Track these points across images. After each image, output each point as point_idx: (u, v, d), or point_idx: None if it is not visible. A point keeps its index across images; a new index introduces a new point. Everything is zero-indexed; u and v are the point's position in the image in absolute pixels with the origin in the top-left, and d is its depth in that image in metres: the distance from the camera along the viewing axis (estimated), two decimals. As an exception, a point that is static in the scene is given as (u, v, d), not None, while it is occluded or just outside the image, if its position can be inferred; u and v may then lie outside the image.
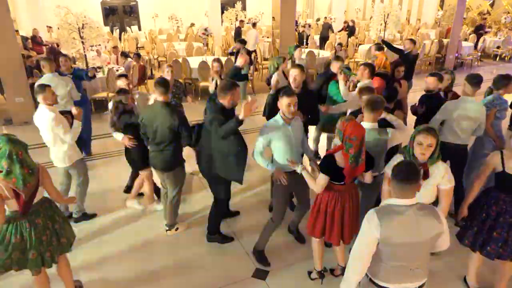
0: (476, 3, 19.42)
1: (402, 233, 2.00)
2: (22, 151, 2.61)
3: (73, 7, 8.07)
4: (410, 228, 2.00)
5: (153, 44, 13.68)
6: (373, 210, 2.10)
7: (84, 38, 7.71)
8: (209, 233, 3.93)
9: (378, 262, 2.13)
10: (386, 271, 2.12)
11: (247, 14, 16.69)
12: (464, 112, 3.84)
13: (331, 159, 2.82)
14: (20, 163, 2.57)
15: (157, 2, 17.95)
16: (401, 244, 2.02)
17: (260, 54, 11.47)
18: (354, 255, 2.14)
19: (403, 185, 2.00)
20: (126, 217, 4.43)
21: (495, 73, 5.26)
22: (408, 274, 2.11)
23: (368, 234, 2.06)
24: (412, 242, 2.02)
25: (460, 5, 11.54)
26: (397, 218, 2.01)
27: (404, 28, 17.13)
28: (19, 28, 13.58)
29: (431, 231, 2.03)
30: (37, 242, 2.71)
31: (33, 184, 2.66)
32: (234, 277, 3.49)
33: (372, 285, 2.20)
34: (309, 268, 3.46)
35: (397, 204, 2.04)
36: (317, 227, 3.08)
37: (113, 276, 3.52)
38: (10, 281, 3.41)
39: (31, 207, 2.70)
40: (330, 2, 21.30)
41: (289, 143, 3.21)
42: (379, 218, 2.02)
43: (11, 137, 2.61)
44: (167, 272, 3.56)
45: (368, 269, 2.16)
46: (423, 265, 2.13)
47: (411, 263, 2.09)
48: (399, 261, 2.08)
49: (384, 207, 2.10)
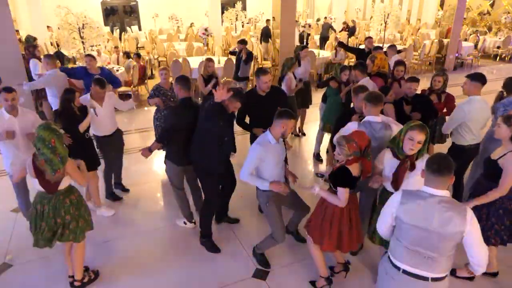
0: (476, 3, 19.42)
1: (415, 215, 2.11)
2: (55, 139, 2.82)
3: (73, 7, 8.09)
4: (425, 214, 2.09)
5: (153, 44, 13.68)
6: (402, 189, 2.30)
7: (84, 38, 7.71)
8: (201, 235, 3.86)
9: (397, 241, 2.25)
10: (403, 251, 2.20)
11: (247, 14, 16.72)
12: (480, 111, 3.86)
13: (346, 171, 2.79)
14: (51, 149, 2.80)
15: (157, 2, 17.95)
16: (413, 226, 2.12)
17: (260, 54, 11.47)
18: (377, 222, 2.41)
19: (434, 176, 2.10)
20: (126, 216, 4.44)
21: (495, 73, 5.30)
22: (422, 261, 2.15)
23: (388, 207, 2.28)
24: (423, 227, 2.09)
25: (460, 5, 11.54)
26: (417, 201, 2.13)
27: (404, 28, 17.14)
28: (19, 28, 13.59)
29: (449, 226, 2.04)
30: (52, 222, 3.00)
31: (62, 172, 2.90)
32: (234, 277, 3.49)
33: (388, 261, 2.31)
34: (309, 268, 3.45)
35: (425, 191, 2.15)
36: (333, 243, 2.98)
37: (113, 276, 3.53)
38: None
39: (57, 191, 2.96)
40: (330, 2, 21.31)
41: (278, 161, 3.18)
42: (402, 196, 2.20)
43: (49, 125, 2.86)
44: (167, 272, 3.56)
45: (390, 246, 2.34)
46: (441, 258, 2.12)
47: (426, 250, 2.12)
48: (413, 245, 2.15)
49: (412, 191, 2.23)
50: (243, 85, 7.64)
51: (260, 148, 3.04)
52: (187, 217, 4.14)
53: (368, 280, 3.44)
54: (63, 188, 3.00)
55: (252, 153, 3.08)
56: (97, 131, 4.40)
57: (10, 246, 3.91)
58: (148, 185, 5.20)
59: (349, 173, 2.78)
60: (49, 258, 3.70)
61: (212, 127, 3.37)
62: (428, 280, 2.16)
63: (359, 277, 3.46)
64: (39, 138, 2.81)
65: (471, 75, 3.94)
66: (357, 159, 2.80)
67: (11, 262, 3.67)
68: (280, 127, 3.02)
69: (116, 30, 16.70)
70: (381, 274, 2.43)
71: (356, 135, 2.81)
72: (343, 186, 2.79)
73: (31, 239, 3.00)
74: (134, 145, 6.38)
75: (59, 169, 2.87)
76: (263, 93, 4.06)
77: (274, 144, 3.09)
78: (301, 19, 18.72)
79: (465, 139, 3.96)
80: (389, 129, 3.30)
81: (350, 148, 2.75)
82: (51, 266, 3.63)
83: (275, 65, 10.60)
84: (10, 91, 3.57)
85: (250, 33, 15.60)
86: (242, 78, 7.57)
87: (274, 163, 3.14)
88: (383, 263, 2.39)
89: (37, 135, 2.82)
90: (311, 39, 13.35)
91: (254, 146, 3.10)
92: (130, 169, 5.49)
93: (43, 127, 2.83)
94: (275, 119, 3.04)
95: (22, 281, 3.45)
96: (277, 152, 3.14)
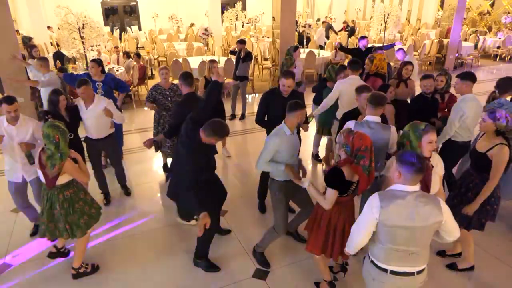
0: (476, 3, 19.42)
1: (400, 216, 2.12)
2: (59, 136, 3.00)
3: (73, 7, 8.07)
4: (408, 212, 2.11)
5: (153, 44, 13.68)
6: (376, 193, 2.23)
7: (84, 38, 7.71)
8: (196, 256, 3.63)
9: (379, 244, 2.25)
10: (386, 253, 2.22)
11: (247, 14, 16.72)
12: (476, 109, 3.93)
13: (339, 173, 2.74)
14: (55, 145, 2.99)
15: (157, 2, 17.95)
16: (398, 227, 2.13)
17: (260, 54, 11.47)
18: (353, 231, 2.35)
19: (414, 175, 2.11)
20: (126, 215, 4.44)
21: (495, 73, 5.26)
22: (407, 258, 2.20)
23: (368, 214, 2.21)
24: (409, 226, 2.12)
25: (460, 5, 11.54)
26: (396, 202, 2.13)
27: (404, 28, 17.13)
28: (19, 28, 13.60)
29: (430, 218, 2.12)
30: (50, 214, 3.18)
31: (59, 168, 3.03)
32: (234, 277, 3.50)
33: (373, 266, 2.31)
34: (309, 268, 3.47)
35: (399, 189, 2.16)
36: (317, 244, 3.00)
37: (110, 274, 3.53)
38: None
39: (55, 186, 3.10)
40: (330, 2, 21.29)
41: (293, 152, 3.24)
42: (380, 200, 2.16)
43: (54, 123, 3.05)
44: (167, 272, 3.56)
45: (369, 251, 2.35)
46: (423, 251, 2.22)
47: (410, 247, 2.17)
48: (398, 245, 2.17)
49: (386, 191, 2.22)
50: (242, 84, 7.65)
51: (276, 139, 3.13)
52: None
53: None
54: (60, 184, 3.12)
55: (268, 144, 3.17)
56: (86, 131, 4.41)
57: (10, 246, 3.91)
58: (148, 185, 5.20)
59: (341, 174, 2.72)
60: (49, 258, 3.70)
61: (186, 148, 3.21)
62: (414, 275, 2.23)
63: (359, 277, 3.46)
64: (44, 135, 3.00)
65: (460, 74, 4.01)
66: (350, 161, 2.73)
67: (11, 262, 3.68)
68: (295, 117, 3.15)
69: (116, 30, 16.71)
70: (368, 281, 2.42)
71: (358, 133, 2.75)
72: (332, 188, 2.74)
73: (31, 239, 3.02)
74: (134, 145, 6.39)
75: (56, 164, 3.01)
76: (286, 95, 4.02)
77: (289, 135, 3.18)
78: (301, 19, 18.71)
79: (462, 136, 4.03)
80: (388, 129, 3.28)
81: (345, 138, 2.75)
82: (51, 265, 3.63)
83: (275, 65, 10.61)
84: (12, 102, 3.45)
85: (250, 33, 15.61)
86: (241, 77, 7.57)
87: (289, 154, 3.21)
88: (367, 269, 2.37)
89: (43, 133, 3.01)
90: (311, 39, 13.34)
91: (270, 137, 3.19)
92: (130, 169, 5.50)
93: (48, 125, 3.01)
94: (289, 111, 3.16)
95: (22, 281, 3.45)
96: (291, 143, 3.21)
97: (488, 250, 3.81)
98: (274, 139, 3.14)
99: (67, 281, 3.44)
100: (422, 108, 4.46)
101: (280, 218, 3.36)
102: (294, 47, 6.45)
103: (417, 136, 2.68)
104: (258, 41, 12.80)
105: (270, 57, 11.59)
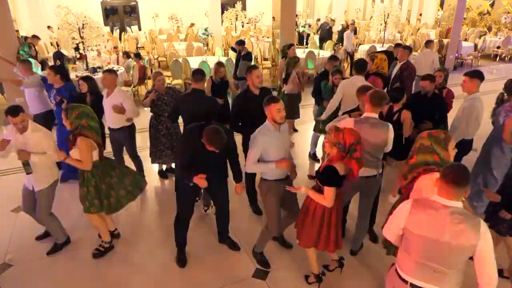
0: (476, 3, 19.41)
1: (425, 226, 2.00)
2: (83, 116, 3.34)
3: (73, 7, 8.08)
4: (435, 224, 1.98)
5: (153, 44, 13.68)
6: (412, 199, 2.16)
7: (84, 38, 7.71)
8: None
9: (405, 253, 2.15)
10: (411, 264, 2.12)
11: (247, 14, 16.71)
12: (482, 107, 3.94)
13: (333, 170, 2.77)
14: (94, 120, 3.39)
15: (157, 2, 17.94)
16: (420, 237, 2.02)
17: (260, 54, 11.47)
18: (385, 229, 2.30)
19: (450, 187, 1.98)
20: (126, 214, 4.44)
21: (495, 73, 5.28)
22: (431, 275, 2.06)
23: (397, 216, 2.16)
24: (432, 238, 1.98)
25: (460, 5, 11.54)
26: (428, 211, 2.02)
27: (404, 28, 17.13)
28: (19, 28, 13.59)
29: (460, 238, 1.94)
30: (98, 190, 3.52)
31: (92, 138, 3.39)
32: (234, 277, 3.49)
33: (395, 274, 2.23)
34: (307, 269, 3.46)
35: (437, 200, 2.04)
36: (309, 238, 3.03)
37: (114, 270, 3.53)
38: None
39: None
40: (330, 2, 21.30)
41: (281, 149, 3.19)
42: (412, 205, 2.08)
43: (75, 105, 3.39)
44: (166, 272, 3.56)
45: (396, 259, 2.26)
46: (451, 272, 2.04)
47: (435, 263, 2.03)
48: (422, 258, 2.06)
49: (424, 199, 2.12)
50: (242, 84, 7.65)
51: (261, 136, 3.09)
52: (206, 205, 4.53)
53: (368, 280, 3.43)
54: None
55: (253, 143, 3.11)
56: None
57: (10, 246, 3.91)
58: (148, 184, 5.19)
59: (336, 172, 2.76)
60: (49, 258, 3.70)
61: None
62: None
63: (359, 278, 3.46)
64: (82, 114, 3.32)
65: (469, 72, 4.00)
66: (341, 156, 2.76)
67: (11, 262, 3.67)
68: (268, 112, 3.09)
69: (116, 30, 16.69)
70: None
71: (348, 129, 2.79)
72: (330, 185, 2.77)
73: (31, 239, 3.00)
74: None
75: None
76: (257, 92, 4.04)
77: (274, 131, 3.12)
78: (301, 19, 18.72)
79: (470, 134, 4.04)
80: (386, 126, 3.27)
81: (336, 137, 2.75)
82: (51, 266, 3.63)
83: (275, 65, 10.60)
84: (17, 114, 3.24)
85: (250, 33, 15.61)
86: (240, 77, 7.58)
87: (277, 153, 3.15)
88: (391, 277, 2.30)
89: (79, 112, 3.32)
90: (310, 40, 13.34)
91: (254, 136, 3.14)
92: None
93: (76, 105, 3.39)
94: (264, 108, 3.12)
95: (22, 281, 3.45)
96: (279, 140, 3.16)
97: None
98: (258, 137, 3.10)
99: (67, 280, 3.45)
100: (422, 106, 4.44)
101: (271, 217, 3.35)
102: (289, 45, 6.56)
103: (443, 146, 2.55)
104: (258, 41, 12.79)
105: (270, 57, 11.59)
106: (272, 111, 3.07)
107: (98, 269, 3.60)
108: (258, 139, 3.09)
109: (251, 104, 3.90)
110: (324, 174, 2.82)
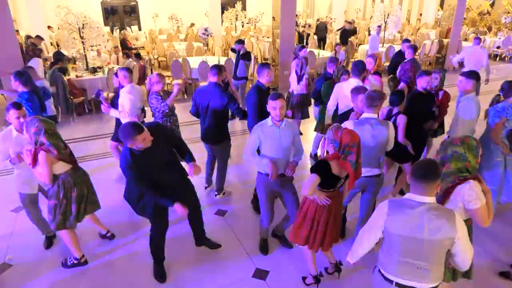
0: (476, 3, 19.42)
1: (404, 225, 2.05)
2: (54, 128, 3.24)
3: (73, 7, 8.08)
4: (414, 222, 2.03)
5: (153, 44, 13.69)
6: (388, 200, 2.18)
7: (84, 38, 7.72)
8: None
9: (387, 254, 2.19)
10: (394, 264, 2.15)
11: (247, 14, 16.72)
12: (478, 107, 3.95)
13: (325, 165, 2.75)
14: (54, 136, 3.19)
15: (157, 2, 17.95)
16: (404, 237, 2.06)
17: (260, 54, 11.47)
18: (359, 236, 2.29)
19: (421, 183, 2.05)
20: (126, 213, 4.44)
21: (495, 73, 5.25)
22: (415, 272, 2.10)
23: (375, 219, 2.18)
24: (416, 237, 2.03)
25: (460, 5, 11.54)
26: (405, 211, 2.06)
27: (404, 28, 17.13)
28: (19, 28, 13.59)
29: (439, 233, 2.01)
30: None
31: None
32: (234, 277, 3.50)
33: (380, 276, 2.25)
34: (306, 269, 3.46)
35: (411, 199, 2.09)
36: (301, 234, 3.03)
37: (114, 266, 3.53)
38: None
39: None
40: (330, 2, 21.30)
41: (277, 146, 3.21)
42: (389, 207, 2.12)
43: (42, 118, 3.20)
44: (166, 272, 3.55)
45: (379, 260, 2.27)
46: (433, 267, 2.10)
47: (418, 261, 2.08)
48: (404, 256, 2.10)
49: (399, 200, 2.16)
50: (241, 84, 7.64)
51: (258, 128, 3.26)
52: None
53: (368, 280, 3.43)
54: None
55: (251, 133, 3.31)
56: None
57: (10, 246, 3.91)
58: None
59: (327, 166, 2.72)
60: (49, 258, 3.71)
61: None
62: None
63: (359, 277, 3.46)
64: (39, 131, 3.12)
65: (465, 73, 4.04)
66: (337, 156, 2.73)
67: (11, 262, 3.68)
68: (270, 108, 3.17)
69: (116, 30, 16.70)
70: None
71: (347, 130, 2.76)
72: (314, 172, 2.72)
73: (31, 239, 2.99)
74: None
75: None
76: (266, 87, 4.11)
77: (271, 127, 3.20)
78: (301, 19, 18.72)
79: (465, 132, 3.99)
80: (386, 125, 3.28)
81: (334, 134, 2.74)
82: (51, 266, 3.63)
83: (275, 65, 10.61)
84: (20, 107, 3.41)
85: (250, 33, 15.61)
86: (240, 77, 7.57)
87: (272, 148, 3.23)
88: (375, 279, 2.31)
89: (36, 130, 3.11)
90: (310, 39, 13.35)
91: (254, 127, 3.32)
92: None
93: (39, 120, 3.15)
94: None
95: (22, 281, 3.45)
96: (275, 136, 3.21)
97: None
98: (256, 129, 3.27)
99: (67, 280, 3.45)
100: (422, 105, 4.43)
101: (262, 211, 3.48)
102: (301, 46, 6.58)
103: (475, 154, 2.50)
104: (258, 41, 12.80)
105: (270, 57, 11.59)
106: (268, 108, 3.18)
107: (98, 269, 3.60)
108: (255, 130, 3.27)
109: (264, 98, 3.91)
110: (315, 164, 2.84)
